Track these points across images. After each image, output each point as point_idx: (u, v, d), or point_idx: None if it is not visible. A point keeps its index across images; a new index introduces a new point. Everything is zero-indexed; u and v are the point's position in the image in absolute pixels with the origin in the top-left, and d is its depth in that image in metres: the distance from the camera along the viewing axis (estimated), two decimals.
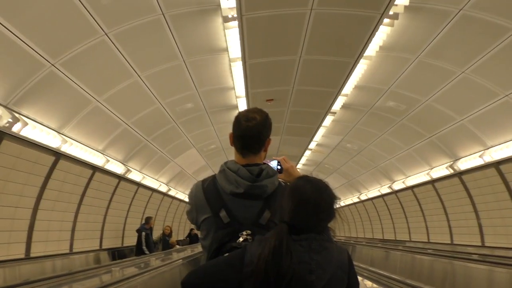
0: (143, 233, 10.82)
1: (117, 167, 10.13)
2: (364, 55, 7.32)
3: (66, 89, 6.58)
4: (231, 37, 6.73)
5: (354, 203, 21.53)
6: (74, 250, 8.89)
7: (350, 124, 12.12)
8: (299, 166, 20.21)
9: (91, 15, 5.44)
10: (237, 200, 1.88)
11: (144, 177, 12.39)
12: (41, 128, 6.59)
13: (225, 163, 1.97)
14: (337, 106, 10.53)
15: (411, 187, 13.84)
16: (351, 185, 20.12)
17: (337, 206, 1.68)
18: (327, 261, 1.57)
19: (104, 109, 7.86)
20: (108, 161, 9.40)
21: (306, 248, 1.56)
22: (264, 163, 2.00)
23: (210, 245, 1.87)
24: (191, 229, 18.28)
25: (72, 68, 6.28)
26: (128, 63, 6.95)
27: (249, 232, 1.83)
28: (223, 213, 1.87)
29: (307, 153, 16.92)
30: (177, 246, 12.36)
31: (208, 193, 1.95)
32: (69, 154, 7.68)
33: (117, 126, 8.91)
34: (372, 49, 7.19)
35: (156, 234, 13.56)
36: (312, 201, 1.60)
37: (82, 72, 6.55)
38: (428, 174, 12.06)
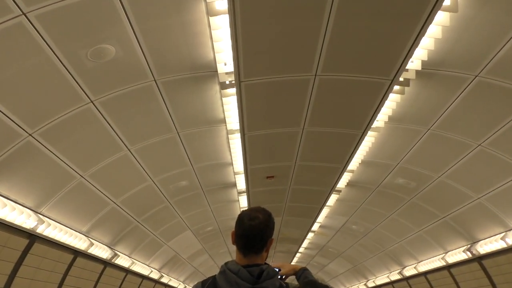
0: None
1: (102, 252, 9.18)
2: (372, 126, 6.81)
3: (45, 162, 5.95)
4: (229, 106, 6.25)
5: None
6: None
7: (356, 203, 11.35)
8: (301, 249, 19.04)
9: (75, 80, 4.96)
10: None
11: (133, 263, 11.34)
12: (13, 206, 5.84)
13: (226, 263, 1.98)
14: (342, 183, 9.86)
15: (424, 273, 12.68)
16: (357, 270, 18.76)
17: None
18: None
19: (89, 185, 7.17)
20: (92, 244, 8.50)
21: None
22: (265, 264, 2.02)
23: None
24: None
25: (53, 139, 5.70)
26: (117, 134, 6.40)
27: None
28: None
29: (310, 235, 15.91)
30: None
31: None
32: (46, 236, 6.84)
33: (104, 205, 8.15)
34: (381, 119, 6.69)
35: None
36: None
37: (64, 144, 5.96)
38: (443, 258, 11.04)
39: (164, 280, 15.19)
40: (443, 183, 8.44)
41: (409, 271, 13.61)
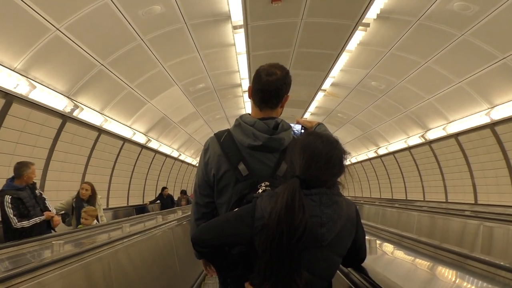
0: (7, 198, 4.97)
1: (55, 100, 6.99)
2: None
3: None
4: None
5: (369, 159, 18.57)
6: None
7: (384, 48, 8.90)
8: (307, 115, 17.09)
9: None
10: (254, 153, 1.94)
11: (107, 120, 9.29)
12: None
13: (240, 117, 2.04)
14: (372, 13, 7.29)
15: (455, 135, 10.78)
16: (367, 137, 17.07)
17: (347, 161, 1.67)
18: (337, 215, 1.59)
19: None
20: (34, 87, 6.26)
21: (317, 202, 1.57)
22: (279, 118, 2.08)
23: (229, 198, 1.91)
24: (164, 188, 14.86)
25: None
26: None
27: (267, 183, 1.86)
28: (241, 166, 1.91)
29: (319, 96, 13.69)
30: (95, 223, 6.32)
31: (226, 147, 1.97)
32: None
33: (42, 30, 5.72)
34: None
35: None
36: (323, 156, 1.60)
37: None
38: (487, 115, 8.97)
39: (153, 145, 13.42)
40: None
41: (434, 134, 11.70)
